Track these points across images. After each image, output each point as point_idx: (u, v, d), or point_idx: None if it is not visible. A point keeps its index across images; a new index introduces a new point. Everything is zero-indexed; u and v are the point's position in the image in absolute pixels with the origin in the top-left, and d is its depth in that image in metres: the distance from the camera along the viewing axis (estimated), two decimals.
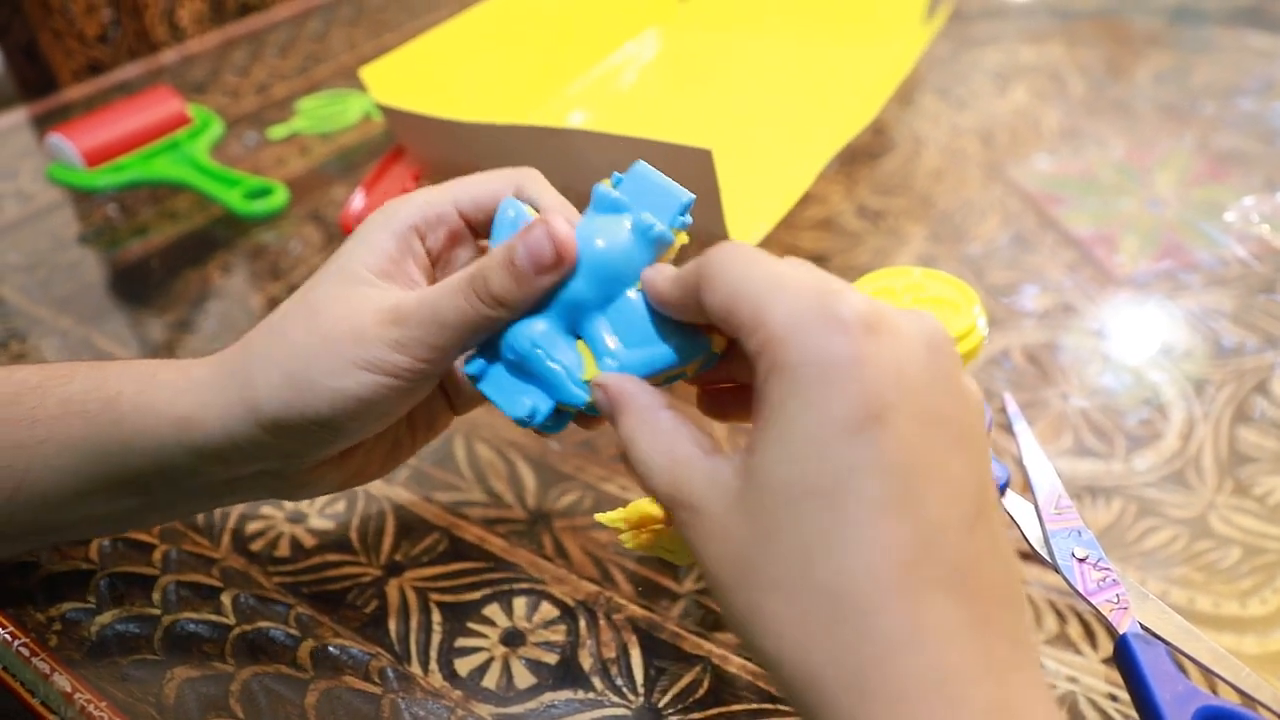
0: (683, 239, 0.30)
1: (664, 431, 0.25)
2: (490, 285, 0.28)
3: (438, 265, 0.33)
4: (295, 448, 0.30)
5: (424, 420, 0.35)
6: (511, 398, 0.30)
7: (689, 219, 0.30)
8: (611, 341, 0.29)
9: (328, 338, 0.28)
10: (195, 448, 0.30)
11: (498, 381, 0.30)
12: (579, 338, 0.29)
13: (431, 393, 0.34)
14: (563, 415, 0.30)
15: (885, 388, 0.21)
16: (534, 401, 0.29)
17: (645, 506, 0.33)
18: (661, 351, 0.28)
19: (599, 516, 0.32)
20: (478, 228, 0.33)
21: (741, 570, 0.22)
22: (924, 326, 0.23)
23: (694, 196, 0.30)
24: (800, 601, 0.21)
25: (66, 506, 0.31)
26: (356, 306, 0.29)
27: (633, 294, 0.29)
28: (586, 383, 0.29)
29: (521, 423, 0.30)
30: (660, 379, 0.29)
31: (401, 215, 0.32)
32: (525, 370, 0.29)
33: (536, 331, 0.29)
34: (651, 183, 0.30)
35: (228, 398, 0.29)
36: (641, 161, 0.31)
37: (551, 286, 0.28)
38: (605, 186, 0.30)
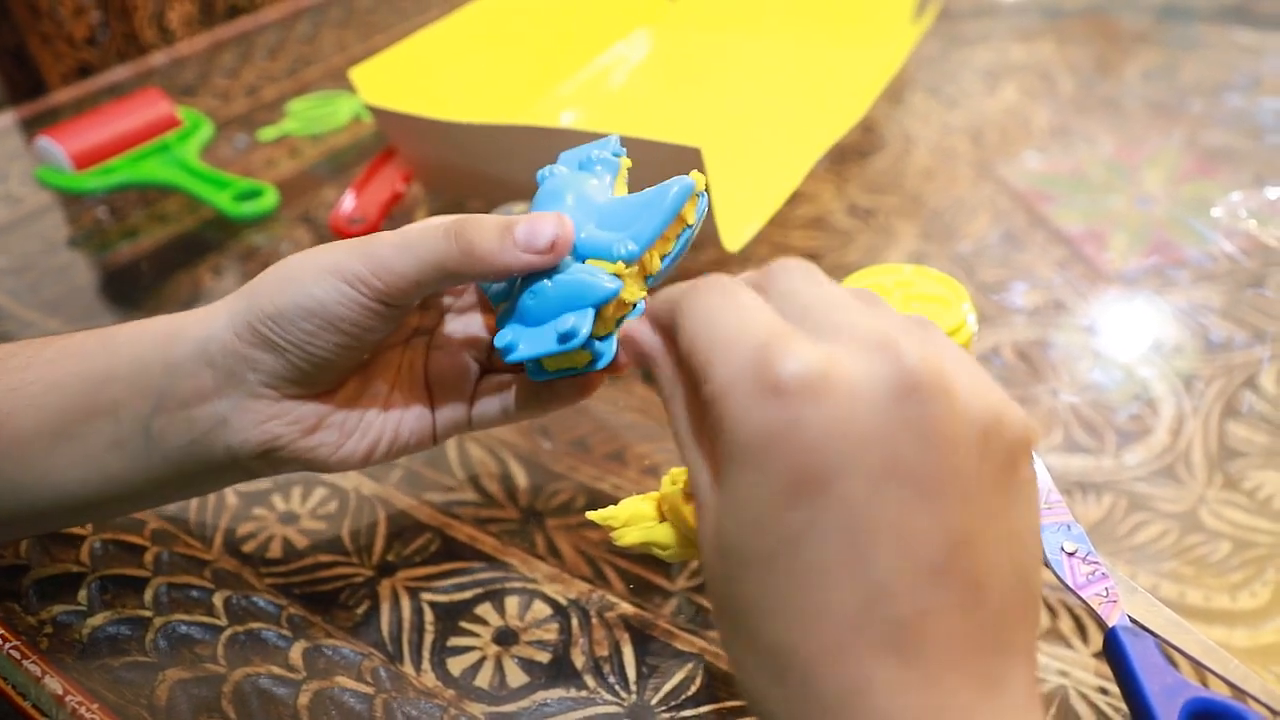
0: (627, 163, 0.34)
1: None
2: (471, 237, 0.30)
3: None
4: (264, 359, 0.31)
5: (405, 426, 0.35)
6: (547, 335, 0.31)
7: (624, 150, 0.34)
8: (611, 235, 0.31)
9: (314, 258, 0.31)
10: (172, 364, 0.32)
11: (528, 338, 0.31)
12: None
13: (416, 404, 0.35)
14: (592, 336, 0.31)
15: (826, 452, 0.20)
16: (570, 322, 0.30)
17: (637, 504, 0.33)
18: (653, 219, 0.31)
19: (591, 515, 0.32)
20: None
21: (716, 598, 0.23)
22: (889, 372, 0.21)
23: (619, 134, 0.34)
24: (753, 654, 0.21)
25: (39, 453, 0.32)
26: (342, 245, 0.32)
27: (610, 202, 0.33)
28: (615, 275, 0.31)
29: (562, 344, 0.30)
30: (670, 240, 0.32)
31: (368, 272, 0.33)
32: (555, 297, 0.31)
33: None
34: (573, 151, 0.35)
35: (218, 308, 0.32)
36: (564, 152, 0.35)
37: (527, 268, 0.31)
38: (544, 173, 0.34)
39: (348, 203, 0.57)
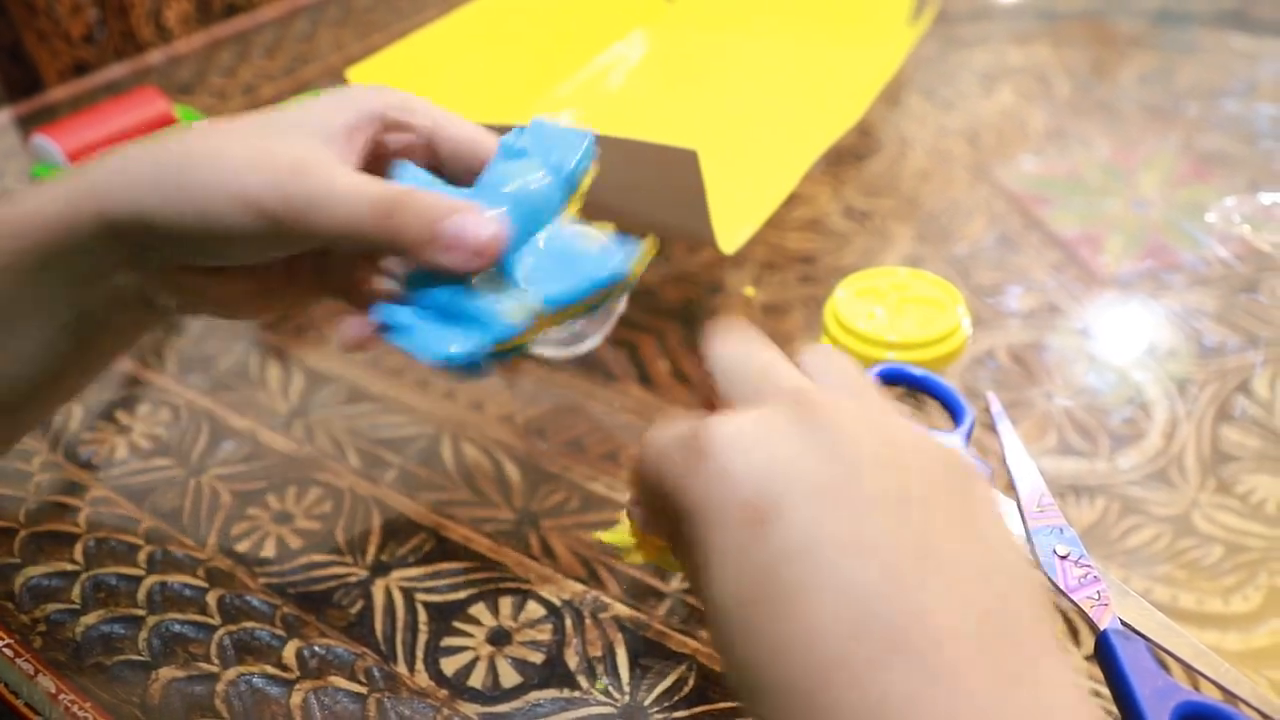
0: (586, 182, 0.32)
1: None
2: (399, 221, 0.28)
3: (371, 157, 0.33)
4: (136, 253, 0.29)
5: (300, 280, 0.34)
6: (434, 342, 0.29)
7: (596, 151, 0.32)
8: (535, 274, 0.30)
9: (215, 162, 0.28)
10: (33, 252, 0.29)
11: (414, 330, 0.30)
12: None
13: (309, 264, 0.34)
14: (477, 361, 0.30)
15: (763, 486, 0.22)
16: (462, 341, 0.29)
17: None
18: (578, 283, 0.30)
19: (601, 536, 0.33)
20: (433, 161, 0.33)
21: (729, 667, 0.23)
22: (792, 402, 0.23)
23: (595, 133, 0.31)
24: (775, 706, 0.21)
25: None
26: (275, 141, 0.29)
27: (547, 233, 0.30)
28: (516, 314, 0.29)
29: (449, 362, 0.29)
30: (581, 308, 0.30)
31: (382, 103, 0.32)
32: (451, 308, 0.29)
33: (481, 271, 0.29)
34: (552, 131, 0.31)
35: (45, 204, 0.29)
36: (538, 117, 0.32)
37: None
38: (510, 137, 0.31)
39: None
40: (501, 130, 0.48)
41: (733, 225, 0.49)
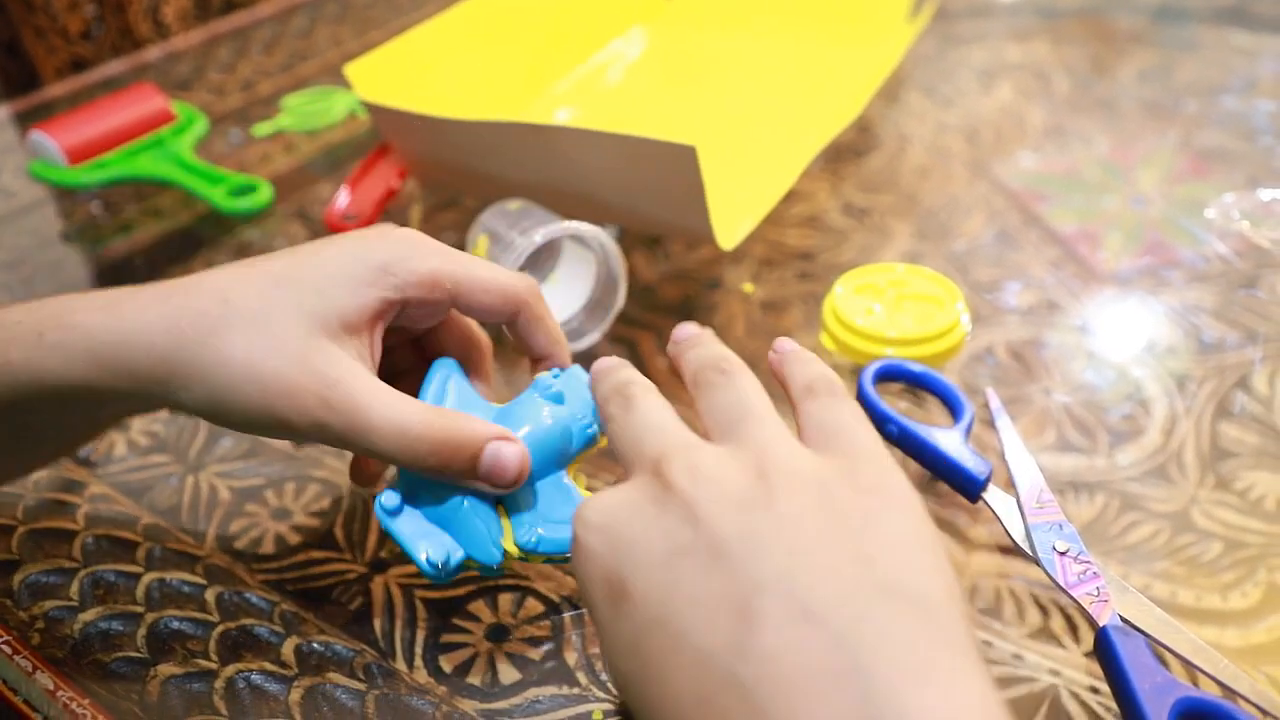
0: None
1: None
2: (443, 457, 0.30)
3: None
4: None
5: None
6: (423, 541, 0.32)
7: None
8: (533, 517, 0.32)
9: (261, 373, 0.29)
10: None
11: (410, 523, 0.32)
12: (500, 504, 0.33)
13: None
14: (455, 569, 0.32)
15: (616, 562, 0.23)
16: (448, 550, 0.32)
17: None
18: (562, 535, 0.32)
19: None
20: (457, 305, 0.34)
21: None
22: (648, 482, 0.25)
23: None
24: None
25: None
26: (304, 359, 0.29)
27: (558, 479, 0.33)
28: (503, 548, 0.32)
29: (429, 565, 0.31)
30: (562, 558, 0.33)
31: (406, 276, 0.32)
32: (444, 517, 0.32)
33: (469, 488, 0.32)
34: (584, 383, 0.35)
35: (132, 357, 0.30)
36: (578, 366, 0.36)
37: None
38: (547, 378, 0.34)
39: (342, 199, 0.57)
40: (493, 127, 0.48)
41: (731, 221, 0.49)
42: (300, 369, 0.29)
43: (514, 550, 0.32)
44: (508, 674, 0.33)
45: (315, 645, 0.34)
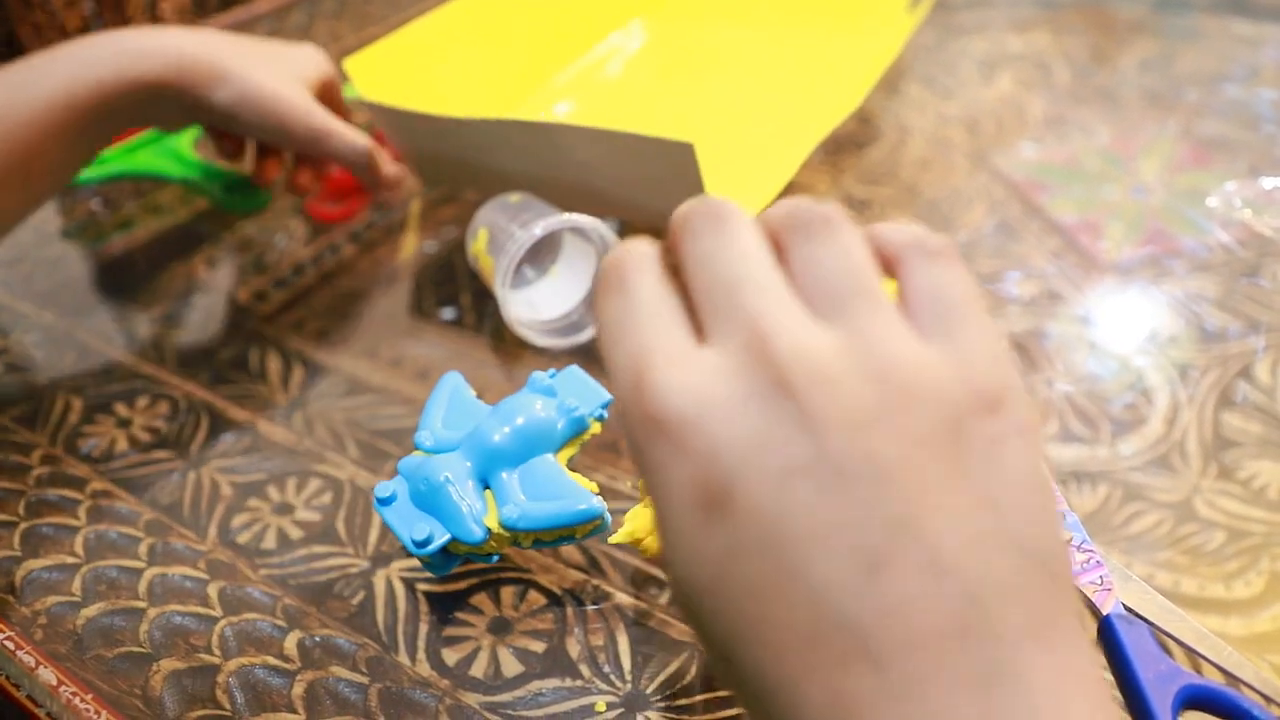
0: (597, 428, 0.36)
1: None
2: (373, 166, 0.53)
3: None
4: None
5: None
6: (410, 524, 0.33)
7: (607, 414, 0.36)
8: (517, 494, 0.33)
9: (276, 89, 0.49)
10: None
11: (400, 511, 0.33)
12: (487, 488, 0.34)
13: None
14: (450, 557, 0.34)
15: (718, 467, 0.19)
16: (431, 529, 0.32)
17: (645, 513, 0.33)
18: (559, 510, 0.33)
19: (613, 539, 0.33)
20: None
21: (701, 641, 0.21)
22: (758, 374, 0.20)
23: (612, 397, 0.33)
24: (739, 690, 0.20)
25: None
26: (300, 92, 0.51)
27: (544, 460, 0.34)
28: (486, 526, 0.32)
29: (415, 546, 0.32)
30: (551, 535, 0.33)
31: (329, 75, 0.55)
32: (431, 501, 0.33)
33: (454, 467, 0.33)
34: (581, 380, 0.36)
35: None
36: (575, 366, 0.37)
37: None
38: (543, 375, 0.36)
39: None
40: (492, 124, 0.48)
41: None
42: (299, 95, 0.50)
43: (497, 528, 0.32)
44: (510, 667, 0.33)
45: (318, 639, 0.34)
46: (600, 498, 0.33)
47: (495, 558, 0.34)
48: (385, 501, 0.33)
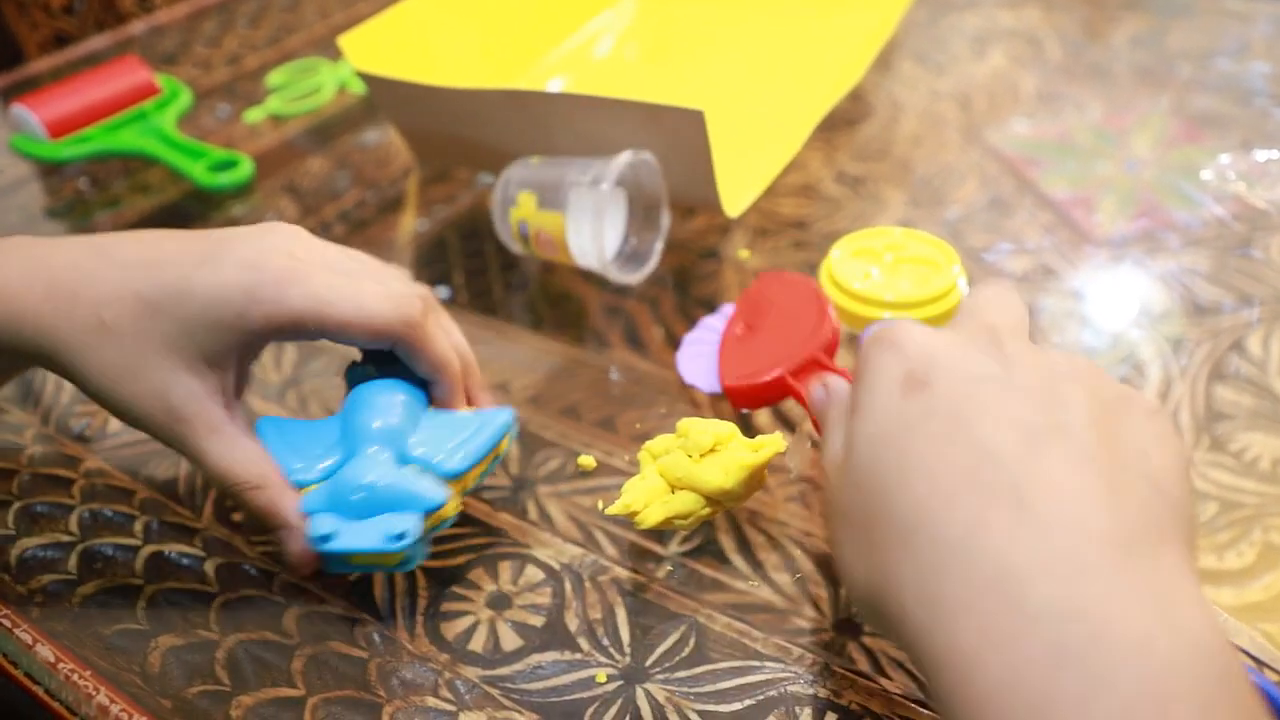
0: (503, 447, 0.37)
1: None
2: (239, 499, 0.34)
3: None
4: None
5: None
6: (373, 533, 0.32)
7: (515, 430, 0.37)
8: (436, 451, 0.34)
9: (129, 393, 0.33)
10: None
11: (351, 531, 0.32)
12: (410, 465, 0.34)
13: None
14: (415, 543, 0.32)
15: (926, 361, 0.26)
16: (399, 524, 0.32)
17: (640, 485, 0.33)
18: (475, 442, 0.34)
19: (609, 511, 0.33)
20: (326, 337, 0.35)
21: (842, 508, 0.26)
22: (981, 330, 0.27)
23: (512, 412, 0.37)
24: (884, 532, 0.24)
25: None
26: (163, 394, 0.33)
27: (430, 414, 0.35)
28: (440, 482, 0.33)
29: (393, 543, 0.31)
30: (482, 467, 0.35)
31: (266, 319, 0.33)
32: (377, 507, 0.32)
33: (387, 460, 0.33)
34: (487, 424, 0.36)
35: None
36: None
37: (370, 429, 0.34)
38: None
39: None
40: (493, 94, 0.48)
41: (736, 189, 0.48)
42: (158, 403, 0.33)
43: (452, 482, 0.33)
44: (509, 640, 0.33)
45: (316, 614, 0.34)
46: (489, 412, 0.36)
47: (413, 563, 0.33)
48: (328, 538, 0.32)
